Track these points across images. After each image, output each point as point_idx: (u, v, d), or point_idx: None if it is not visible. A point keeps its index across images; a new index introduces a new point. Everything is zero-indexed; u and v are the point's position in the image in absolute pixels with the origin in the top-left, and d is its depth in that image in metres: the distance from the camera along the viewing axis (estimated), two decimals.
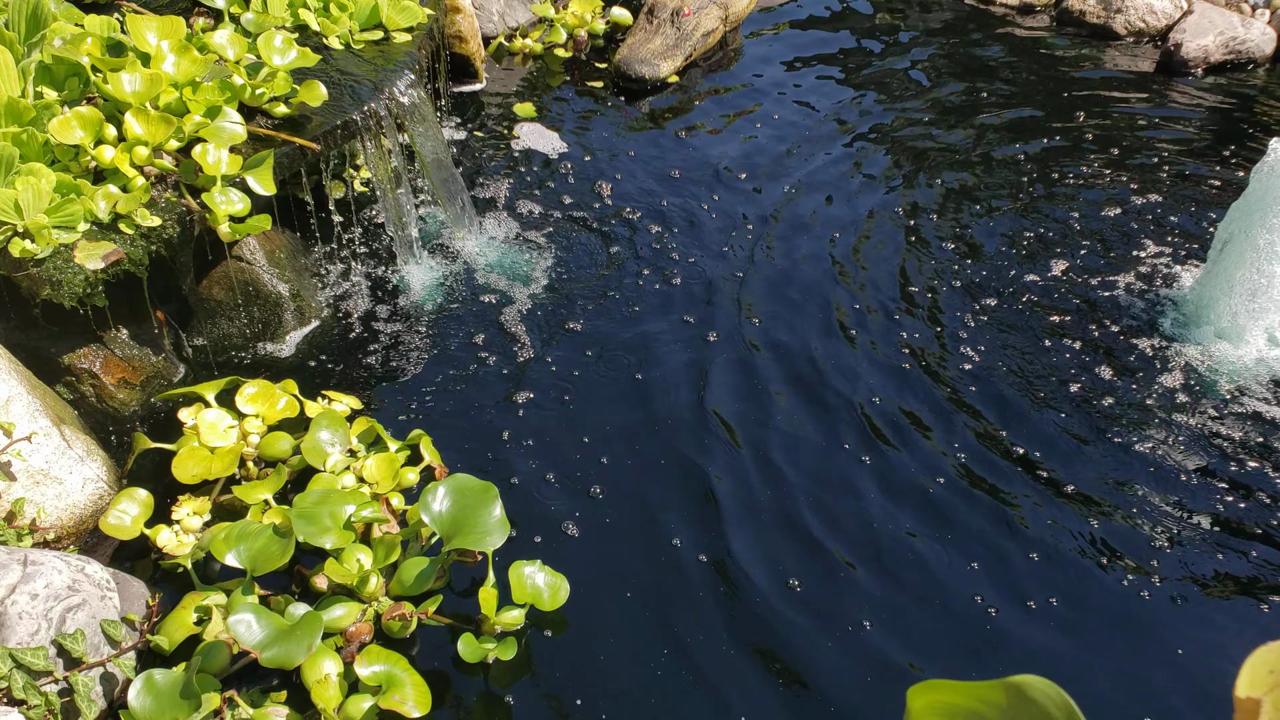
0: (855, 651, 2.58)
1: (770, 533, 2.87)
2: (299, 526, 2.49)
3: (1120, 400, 3.29)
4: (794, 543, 2.85)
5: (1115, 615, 2.69)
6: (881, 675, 2.53)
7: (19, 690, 2.10)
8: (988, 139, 4.63)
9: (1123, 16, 5.40)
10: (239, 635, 2.27)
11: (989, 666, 2.57)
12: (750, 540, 2.85)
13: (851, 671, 2.54)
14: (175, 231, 2.90)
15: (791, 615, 2.66)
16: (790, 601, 2.69)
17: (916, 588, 2.74)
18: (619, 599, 2.70)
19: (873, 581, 2.75)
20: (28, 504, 2.58)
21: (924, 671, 2.55)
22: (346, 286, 3.59)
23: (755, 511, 2.93)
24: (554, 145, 4.45)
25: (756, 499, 2.97)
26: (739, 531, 2.87)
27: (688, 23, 5.03)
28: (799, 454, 3.11)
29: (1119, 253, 3.91)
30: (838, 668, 2.54)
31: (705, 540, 2.84)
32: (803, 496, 2.97)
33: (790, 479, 3.03)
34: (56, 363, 2.91)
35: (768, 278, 3.79)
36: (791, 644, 2.59)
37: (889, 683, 2.51)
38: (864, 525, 2.90)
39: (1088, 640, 2.63)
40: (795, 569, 2.78)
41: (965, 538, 2.87)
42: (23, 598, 2.18)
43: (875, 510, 2.94)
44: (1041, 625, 2.66)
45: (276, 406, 2.98)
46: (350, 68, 3.49)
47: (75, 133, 2.81)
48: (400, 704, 2.30)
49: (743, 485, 3.01)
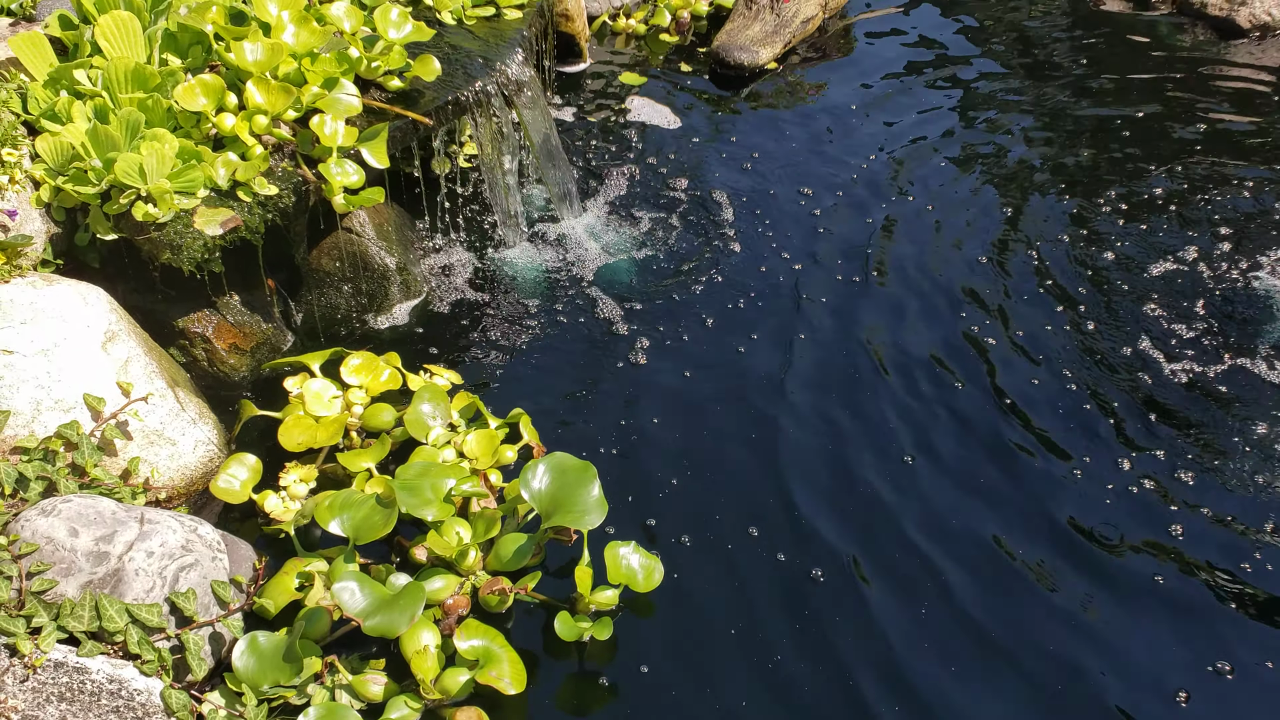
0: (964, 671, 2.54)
1: (878, 533, 2.83)
2: (402, 497, 2.51)
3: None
4: (906, 544, 2.81)
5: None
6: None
7: (134, 645, 2.16)
8: (1103, 133, 4.50)
9: (1247, 10, 5.21)
10: (343, 602, 2.30)
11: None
12: (858, 539, 2.81)
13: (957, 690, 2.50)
14: (291, 201, 2.94)
15: (894, 619, 2.63)
16: (895, 608, 2.66)
17: (1038, 624, 2.69)
18: (714, 585, 2.68)
19: (984, 602, 2.70)
20: (142, 463, 2.64)
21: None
22: (450, 262, 3.61)
23: (866, 508, 2.90)
24: (662, 124, 4.43)
25: (870, 495, 2.93)
26: (845, 526, 2.84)
27: (787, 9, 4.96)
28: (928, 451, 3.06)
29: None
30: (940, 677, 2.51)
31: (809, 534, 2.81)
32: (924, 499, 2.93)
33: (915, 478, 2.98)
34: (171, 326, 2.98)
35: (879, 271, 3.73)
36: (888, 642, 2.57)
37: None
38: (987, 542, 2.85)
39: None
40: (905, 576, 2.73)
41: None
42: (140, 555, 2.24)
43: (1013, 523, 2.88)
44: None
45: (380, 379, 3.02)
46: (462, 43, 3.50)
47: (199, 100, 2.87)
48: (497, 680, 2.32)
49: (853, 479, 2.97)
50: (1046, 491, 2.94)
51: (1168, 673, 2.51)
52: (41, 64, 2.93)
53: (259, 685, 2.25)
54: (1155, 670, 2.51)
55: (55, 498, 2.31)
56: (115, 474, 2.59)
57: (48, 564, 2.17)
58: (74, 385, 2.57)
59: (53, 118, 2.85)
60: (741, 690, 2.45)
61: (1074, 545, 2.79)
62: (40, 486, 2.39)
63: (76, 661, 2.10)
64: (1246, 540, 2.81)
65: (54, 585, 2.15)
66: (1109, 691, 2.46)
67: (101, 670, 2.11)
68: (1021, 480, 2.97)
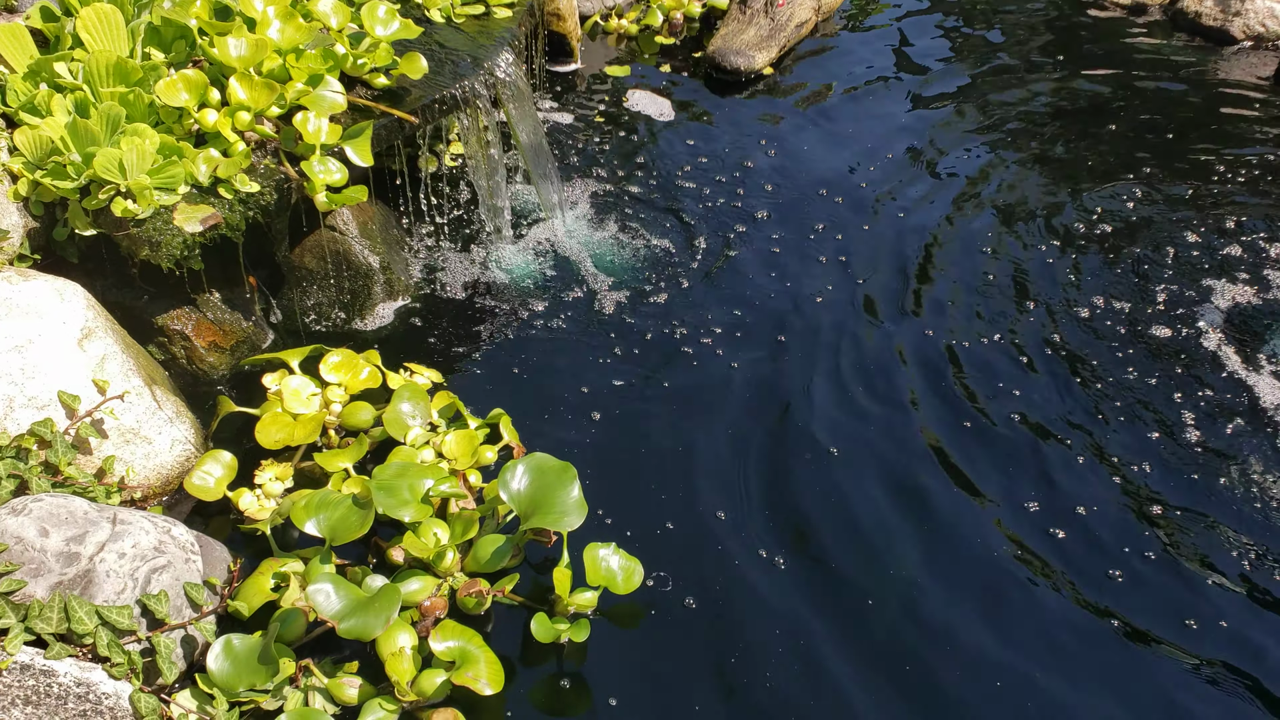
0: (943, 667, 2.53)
1: (859, 532, 2.82)
2: (379, 498, 2.49)
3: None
4: (882, 545, 2.80)
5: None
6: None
7: (103, 648, 2.13)
8: (1093, 135, 4.49)
9: (1241, 20, 5.20)
10: (318, 605, 2.27)
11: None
12: (845, 540, 2.80)
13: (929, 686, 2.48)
14: (272, 198, 2.91)
15: (870, 616, 2.62)
16: (869, 606, 2.65)
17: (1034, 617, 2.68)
18: (695, 587, 2.66)
19: (964, 607, 2.69)
20: (117, 462, 2.61)
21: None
22: (435, 262, 3.59)
23: (843, 510, 2.88)
24: (655, 125, 4.41)
25: (856, 497, 2.91)
26: (833, 529, 2.83)
27: (782, 13, 4.94)
28: (925, 455, 3.06)
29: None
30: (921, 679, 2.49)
31: (795, 537, 2.80)
32: (891, 500, 2.92)
33: (912, 483, 2.97)
34: (150, 323, 2.95)
35: (884, 275, 3.72)
36: (867, 641, 2.55)
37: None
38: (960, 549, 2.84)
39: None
40: (876, 567, 2.73)
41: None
42: (111, 556, 2.20)
43: (972, 542, 2.88)
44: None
45: (359, 376, 2.99)
46: (450, 41, 3.48)
47: (180, 95, 2.84)
48: (474, 681, 2.29)
49: (844, 482, 2.96)
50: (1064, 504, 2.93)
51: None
52: (21, 56, 2.89)
53: (234, 688, 2.22)
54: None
55: (26, 496, 2.28)
56: (90, 473, 2.55)
57: (16, 564, 2.13)
58: (49, 382, 2.53)
59: (32, 111, 2.82)
60: (721, 693, 2.43)
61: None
62: (12, 485, 2.36)
63: (44, 664, 2.07)
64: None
65: (22, 586, 2.12)
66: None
67: (69, 673, 2.08)
68: (1049, 487, 2.98)
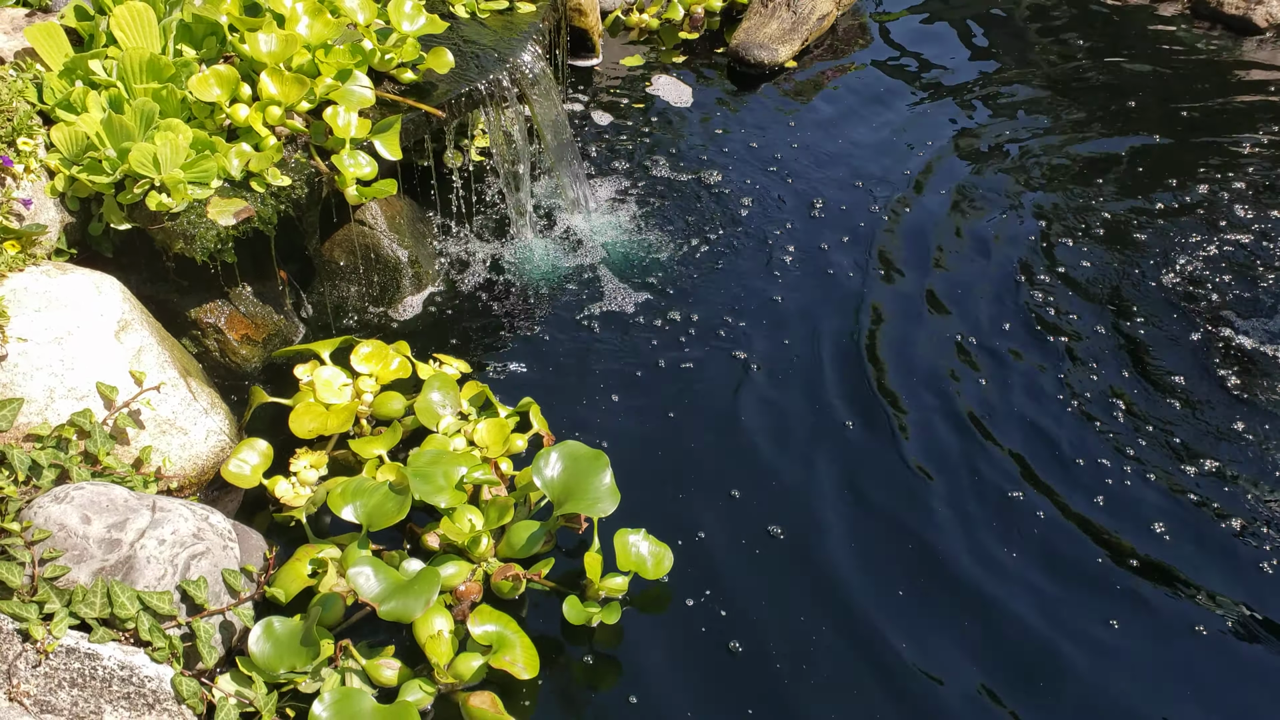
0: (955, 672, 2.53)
1: (899, 523, 2.84)
2: (415, 484, 2.51)
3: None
4: (902, 544, 2.81)
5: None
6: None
7: (145, 632, 2.16)
8: (1118, 133, 4.49)
9: (1264, 8, 5.18)
10: (358, 587, 2.30)
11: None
12: (878, 528, 2.82)
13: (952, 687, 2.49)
14: (304, 192, 2.94)
15: (887, 613, 2.63)
16: (887, 604, 2.66)
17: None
18: (725, 572, 2.68)
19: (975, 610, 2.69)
20: (154, 452, 2.65)
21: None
22: (462, 254, 3.61)
23: (885, 498, 2.90)
24: (679, 119, 4.42)
25: (889, 486, 2.93)
26: (864, 516, 2.84)
27: (804, 6, 4.95)
28: (940, 454, 3.06)
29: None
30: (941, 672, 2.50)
31: (824, 524, 2.81)
32: (916, 493, 2.93)
33: (936, 473, 2.98)
34: (184, 316, 2.98)
35: (901, 269, 3.73)
36: (883, 631, 2.56)
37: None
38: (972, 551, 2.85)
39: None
40: (898, 570, 2.73)
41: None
42: (151, 542, 2.24)
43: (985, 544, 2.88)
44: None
45: (390, 367, 3.02)
46: (475, 36, 3.51)
47: (213, 90, 2.87)
48: (511, 664, 2.32)
49: (873, 468, 2.98)
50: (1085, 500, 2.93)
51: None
52: (57, 54, 2.94)
53: (274, 670, 2.25)
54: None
55: (68, 485, 2.31)
56: (127, 462, 2.59)
57: (60, 550, 2.17)
58: (87, 373, 2.57)
59: (68, 108, 2.86)
60: (750, 675, 2.44)
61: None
62: (53, 474, 2.40)
63: (88, 648, 2.10)
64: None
65: (66, 572, 2.16)
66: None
67: (113, 657, 2.11)
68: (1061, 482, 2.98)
